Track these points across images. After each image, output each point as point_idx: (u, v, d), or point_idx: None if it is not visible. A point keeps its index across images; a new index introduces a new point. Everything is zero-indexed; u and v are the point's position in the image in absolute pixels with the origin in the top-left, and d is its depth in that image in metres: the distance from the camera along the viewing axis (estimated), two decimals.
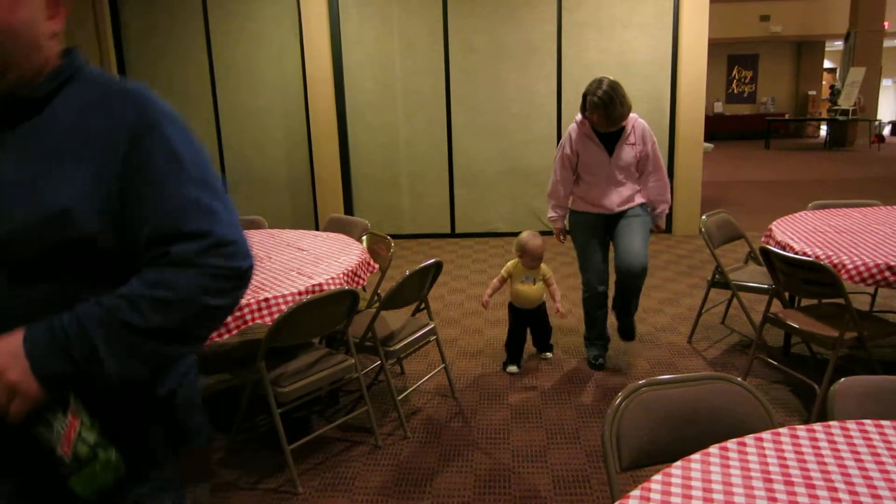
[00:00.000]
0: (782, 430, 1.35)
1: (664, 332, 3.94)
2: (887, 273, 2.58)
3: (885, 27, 14.13)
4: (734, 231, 3.72)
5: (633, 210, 3.30)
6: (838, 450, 1.28)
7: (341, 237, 3.38)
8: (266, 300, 2.42)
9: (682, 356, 3.59)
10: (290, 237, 3.43)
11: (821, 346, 2.87)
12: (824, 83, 17.58)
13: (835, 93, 14.69)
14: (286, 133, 6.78)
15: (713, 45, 6.50)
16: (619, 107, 3.05)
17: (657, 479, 1.19)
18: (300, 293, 2.49)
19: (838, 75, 16.04)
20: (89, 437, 1.01)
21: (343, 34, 6.44)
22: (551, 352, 3.62)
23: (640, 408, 1.49)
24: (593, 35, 6.29)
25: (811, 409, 2.90)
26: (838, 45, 16.28)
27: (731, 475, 1.20)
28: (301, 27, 6.38)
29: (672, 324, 4.08)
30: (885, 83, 17.01)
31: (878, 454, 1.25)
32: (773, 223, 3.36)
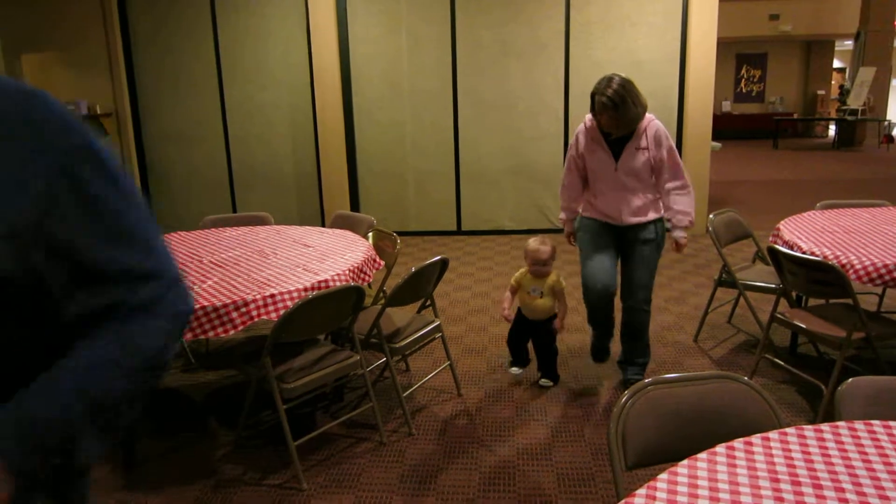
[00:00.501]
0: (789, 430, 1.34)
1: (670, 331, 3.92)
2: None
3: None
4: (742, 230, 3.70)
5: (645, 231, 2.96)
6: (846, 450, 1.27)
7: (347, 234, 3.38)
8: (272, 296, 2.42)
9: (688, 355, 3.58)
10: (296, 234, 3.43)
11: (828, 346, 2.85)
12: (833, 83, 17.48)
13: (844, 92, 14.60)
14: (293, 129, 6.79)
15: (721, 44, 6.46)
16: (631, 108, 2.73)
17: (663, 478, 1.19)
18: (306, 289, 2.49)
19: (848, 75, 15.94)
20: None
21: (350, 30, 6.44)
22: (553, 380, 3.24)
23: (647, 406, 1.49)
24: (601, 33, 6.27)
25: (818, 410, 2.88)
26: (848, 44, 16.17)
27: (737, 475, 1.19)
28: (308, 23, 6.38)
29: (678, 322, 4.07)
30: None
31: (886, 455, 1.25)
32: (781, 222, 3.34)
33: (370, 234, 3.51)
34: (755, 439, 1.31)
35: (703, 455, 1.26)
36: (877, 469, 1.20)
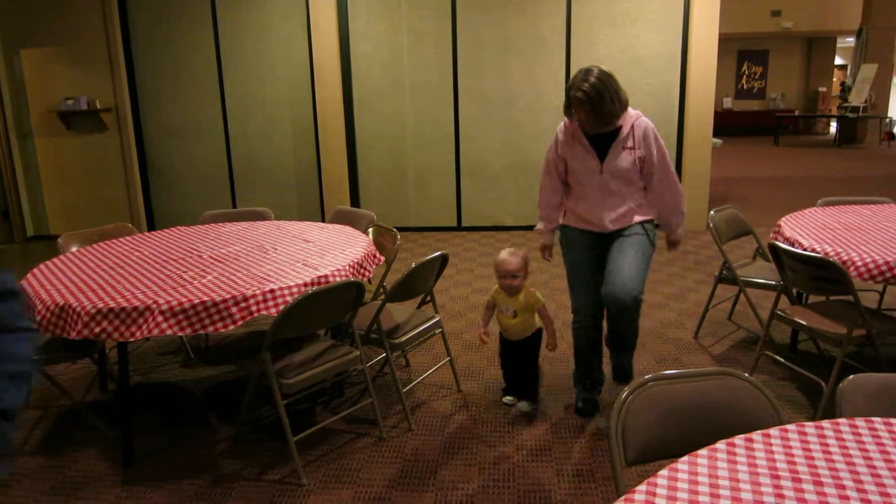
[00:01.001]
0: (790, 427, 1.33)
1: (670, 328, 3.92)
2: None
3: None
4: (742, 227, 3.70)
5: (630, 229, 2.73)
6: (847, 447, 1.26)
7: (347, 229, 3.38)
8: (272, 291, 2.42)
9: (687, 352, 3.57)
10: (296, 229, 3.42)
11: (828, 343, 2.85)
12: (835, 80, 17.43)
13: (845, 89, 14.56)
14: (293, 124, 6.77)
15: (723, 40, 6.44)
16: (608, 103, 2.50)
17: (663, 474, 1.18)
18: (306, 284, 2.49)
19: (849, 72, 15.90)
20: None
21: (351, 26, 6.42)
22: (533, 402, 2.96)
23: (647, 402, 1.49)
24: (602, 29, 6.25)
25: (817, 406, 2.88)
26: (850, 41, 16.13)
27: (738, 471, 1.19)
28: (309, 18, 6.37)
29: (678, 319, 4.06)
30: None
31: (887, 452, 1.24)
32: (782, 219, 3.33)
33: (370, 230, 3.50)
34: (756, 436, 1.30)
35: (703, 451, 1.25)
36: (878, 466, 1.20)
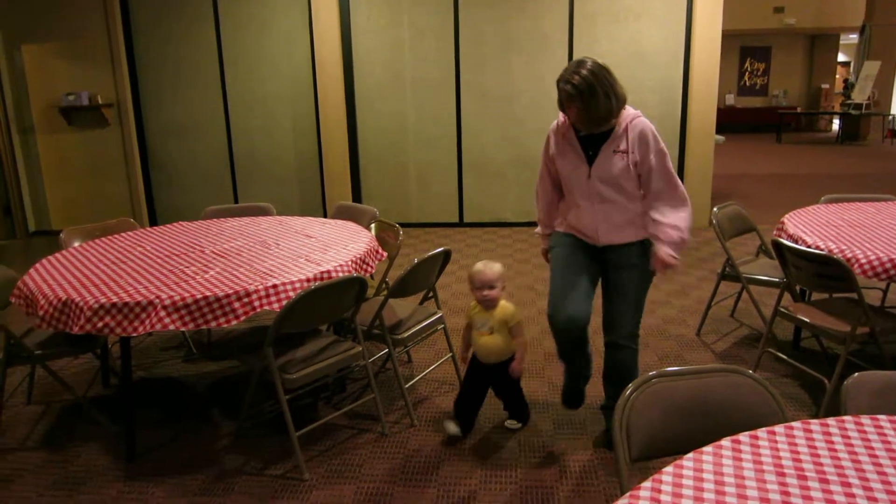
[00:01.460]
0: (795, 424, 1.33)
1: (672, 325, 3.92)
2: None
3: None
4: (745, 224, 3.69)
5: (628, 254, 2.43)
6: (852, 445, 1.26)
7: (350, 225, 3.37)
8: (274, 286, 2.41)
9: (690, 349, 3.57)
10: (299, 224, 3.42)
11: (832, 340, 2.84)
12: (838, 77, 17.38)
13: (848, 86, 14.52)
14: (295, 120, 6.76)
15: (725, 37, 6.42)
16: (602, 99, 2.24)
17: (668, 471, 1.18)
18: (308, 280, 2.49)
19: (852, 69, 15.85)
20: None
21: (352, 21, 6.40)
22: (522, 420, 2.79)
23: (651, 399, 1.48)
24: (605, 25, 6.23)
25: (820, 404, 2.88)
26: (853, 38, 16.07)
27: (743, 468, 1.19)
28: (310, 14, 6.35)
29: (680, 316, 4.06)
30: None
31: (892, 449, 1.24)
32: (786, 216, 3.33)
33: (373, 226, 3.49)
34: (761, 433, 1.30)
35: (708, 448, 1.25)
36: (883, 464, 1.20)
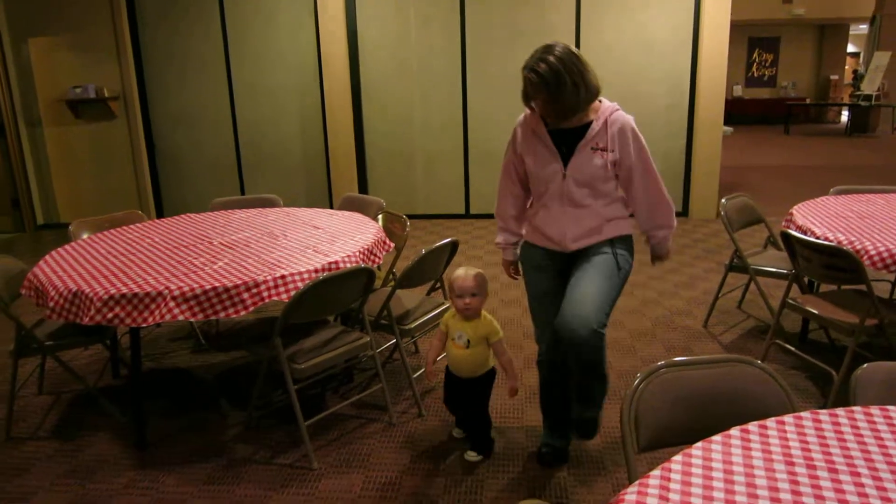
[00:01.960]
0: (804, 414, 1.33)
1: (679, 316, 3.91)
2: None
3: None
4: (754, 215, 3.67)
5: (596, 248, 2.21)
6: (861, 435, 1.26)
7: (356, 216, 3.38)
8: (282, 277, 2.42)
9: (697, 340, 3.56)
10: (306, 215, 3.42)
11: (840, 332, 2.83)
12: (847, 67, 17.24)
13: (858, 77, 14.40)
14: (301, 111, 6.76)
15: (733, 27, 6.37)
16: (569, 90, 2.02)
17: (678, 459, 1.18)
18: (316, 270, 2.49)
19: (862, 59, 15.71)
20: None
21: (358, 11, 6.38)
22: (483, 453, 2.50)
23: (659, 389, 1.48)
24: (612, 14, 6.19)
25: (828, 396, 2.87)
26: (863, 28, 15.92)
27: (752, 458, 1.19)
28: (316, 4, 6.33)
29: (687, 307, 4.05)
30: None
31: None
32: (795, 207, 3.31)
33: (380, 216, 3.50)
34: (770, 423, 1.30)
35: (717, 438, 1.25)
36: (893, 454, 1.19)
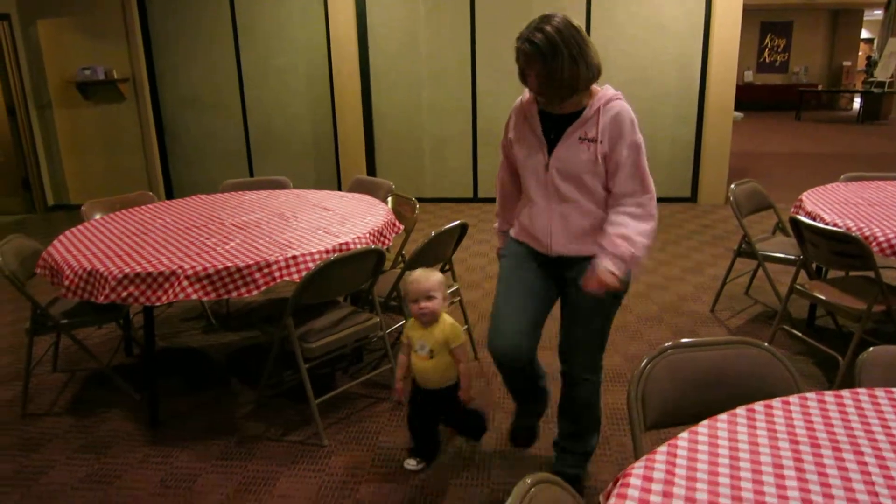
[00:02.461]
0: (809, 395, 1.35)
1: (687, 301, 3.93)
2: None
3: None
4: (763, 201, 3.67)
5: (589, 268, 1.89)
6: (865, 416, 1.28)
7: (367, 198, 3.40)
8: (294, 258, 2.45)
9: (704, 325, 3.58)
10: (316, 197, 3.45)
11: (847, 318, 2.84)
12: (860, 54, 17.03)
13: (871, 64, 14.22)
14: (309, 94, 6.76)
15: (745, 12, 6.31)
16: (567, 63, 1.77)
17: (684, 436, 1.21)
18: (327, 251, 2.52)
19: (876, 45, 15.49)
20: None
21: None
22: (476, 437, 2.45)
23: (667, 369, 1.51)
24: None
25: (834, 381, 2.89)
26: (877, 13, 15.69)
27: (757, 436, 1.21)
28: None
29: (695, 293, 4.07)
30: None
31: None
32: (804, 194, 3.31)
33: (389, 199, 3.52)
34: (775, 403, 1.32)
35: (723, 416, 1.28)
36: None
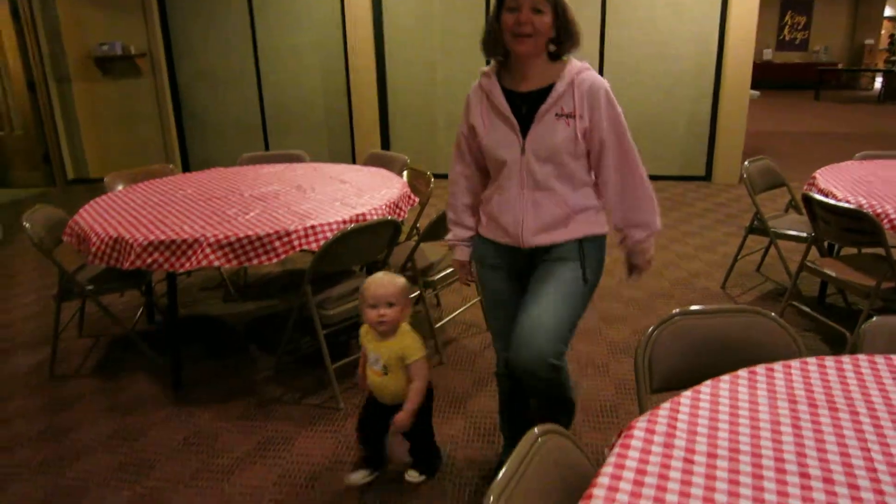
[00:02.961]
0: (810, 360, 1.40)
1: (698, 278, 3.96)
2: None
3: None
4: (776, 178, 3.68)
5: (561, 250, 1.81)
6: (864, 379, 1.33)
7: (383, 171, 3.45)
8: (312, 227, 2.52)
9: (714, 300, 3.62)
10: (333, 171, 3.50)
11: (856, 294, 2.88)
12: (883, 32, 16.70)
13: (894, 43, 13.97)
14: (324, 69, 6.78)
15: None
16: (569, 17, 1.72)
17: (687, 394, 1.27)
18: (344, 221, 2.58)
19: None
20: None
21: None
22: (427, 473, 2.19)
23: (674, 335, 1.56)
24: None
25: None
26: None
27: (757, 396, 1.27)
28: None
29: (707, 270, 4.10)
30: None
31: None
32: (818, 171, 3.32)
33: (404, 173, 3.57)
34: (776, 366, 1.38)
35: (725, 377, 1.33)
36: (892, 398, 1.27)
